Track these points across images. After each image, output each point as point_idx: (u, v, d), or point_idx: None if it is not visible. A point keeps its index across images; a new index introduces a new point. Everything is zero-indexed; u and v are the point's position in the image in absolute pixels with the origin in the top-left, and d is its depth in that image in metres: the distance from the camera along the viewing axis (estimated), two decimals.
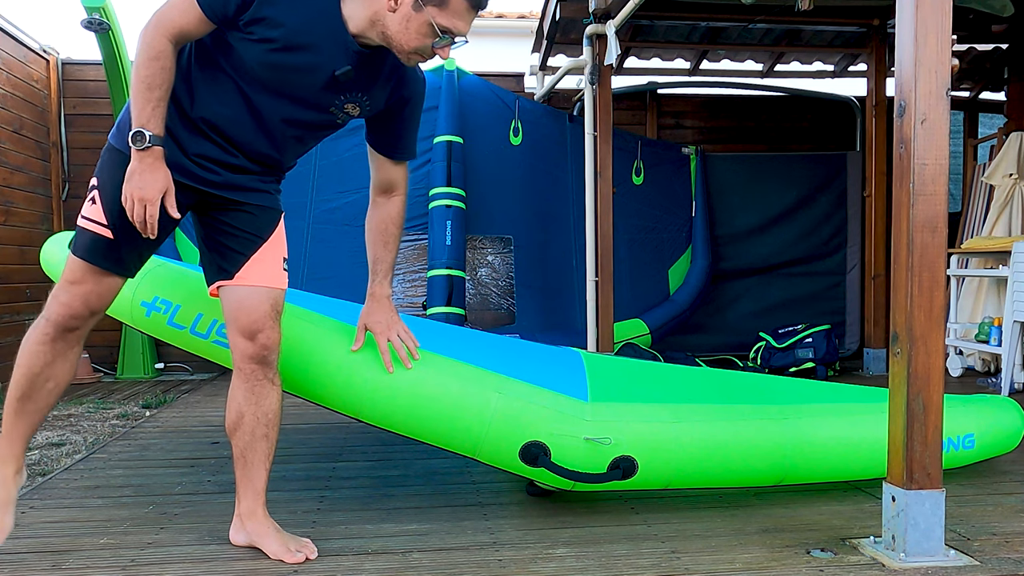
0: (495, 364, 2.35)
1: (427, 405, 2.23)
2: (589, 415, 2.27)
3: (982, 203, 5.85)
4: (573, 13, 4.94)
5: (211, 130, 2.00)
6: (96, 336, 5.64)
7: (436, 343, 2.38)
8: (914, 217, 1.98)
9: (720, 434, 2.36)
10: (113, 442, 3.43)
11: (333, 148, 5.50)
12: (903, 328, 2.01)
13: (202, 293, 2.27)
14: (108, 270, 2.01)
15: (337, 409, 2.29)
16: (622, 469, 2.27)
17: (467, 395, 2.24)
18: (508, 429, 2.23)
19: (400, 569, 2.00)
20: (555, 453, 2.24)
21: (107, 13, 4.82)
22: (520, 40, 9.04)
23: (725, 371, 2.99)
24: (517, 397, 2.25)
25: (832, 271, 6.32)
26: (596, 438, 2.23)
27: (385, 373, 2.22)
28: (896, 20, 2.02)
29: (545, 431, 2.24)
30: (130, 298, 2.35)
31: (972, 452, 2.69)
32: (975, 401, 2.83)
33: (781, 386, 2.77)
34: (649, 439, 2.29)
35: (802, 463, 2.45)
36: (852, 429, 2.51)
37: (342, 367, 2.24)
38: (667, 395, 2.46)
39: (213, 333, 2.31)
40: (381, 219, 2.43)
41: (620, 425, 2.28)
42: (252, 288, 2.06)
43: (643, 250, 6.02)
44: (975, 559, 2.04)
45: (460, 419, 2.23)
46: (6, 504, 2.04)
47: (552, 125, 5.85)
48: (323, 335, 2.28)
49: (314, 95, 2.00)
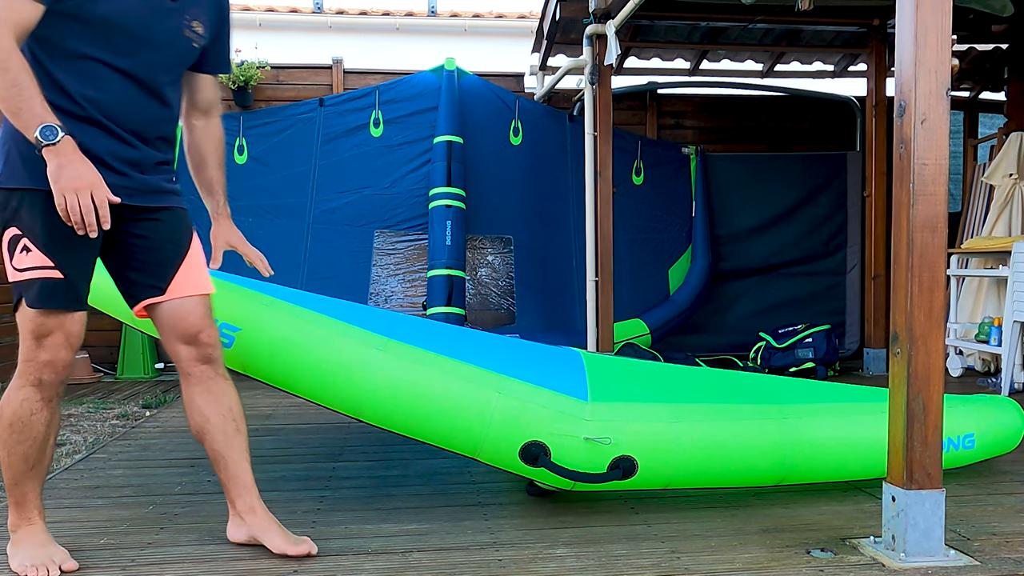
0: (495, 364, 2.35)
1: (427, 405, 2.23)
2: (589, 415, 2.27)
3: (982, 203, 5.85)
4: (573, 13, 4.94)
5: (104, 118, 1.91)
6: (96, 336, 5.70)
7: (436, 342, 2.38)
8: (914, 217, 1.98)
9: (720, 434, 2.36)
10: (113, 442, 3.43)
11: (333, 148, 5.51)
12: (903, 328, 2.01)
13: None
14: (72, 308, 1.94)
15: (337, 409, 2.29)
16: (622, 469, 2.27)
17: (467, 395, 2.24)
18: (508, 429, 2.23)
19: (400, 569, 2.00)
20: (555, 453, 2.24)
21: None
22: (520, 40, 9.03)
23: (725, 371, 2.99)
24: (517, 397, 2.25)
25: (832, 271, 6.32)
26: (596, 438, 2.23)
27: (385, 372, 2.22)
28: (896, 20, 2.02)
29: (545, 431, 2.24)
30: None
31: (972, 452, 2.69)
32: (975, 401, 2.83)
33: (781, 386, 2.77)
34: (649, 439, 2.29)
35: (802, 463, 2.45)
36: (852, 429, 2.51)
37: (342, 367, 2.24)
38: (667, 395, 2.46)
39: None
40: (208, 141, 2.27)
41: (620, 425, 2.28)
42: (185, 299, 2.05)
43: (643, 250, 6.02)
44: (975, 559, 2.04)
45: (460, 419, 2.24)
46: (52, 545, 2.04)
47: (552, 125, 5.85)
48: (322, 335, 2.28)
49: (163, 28, 1.96)
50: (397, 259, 5.48)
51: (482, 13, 10.08)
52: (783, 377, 3.08)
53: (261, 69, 5.71)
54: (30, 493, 2.00)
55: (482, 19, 10.02)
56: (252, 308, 2.32)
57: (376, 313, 2.74)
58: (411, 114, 5.56)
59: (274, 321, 2.30)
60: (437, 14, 10.24)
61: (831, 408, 2.56)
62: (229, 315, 2.27)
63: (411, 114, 5.56)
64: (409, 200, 5.49)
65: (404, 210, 5.49)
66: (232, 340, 2.26)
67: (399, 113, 5.56)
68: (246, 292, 2.36)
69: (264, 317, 2.30)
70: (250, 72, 5.61)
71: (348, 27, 9.84)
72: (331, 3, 10.11)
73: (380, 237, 5.49)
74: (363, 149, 5.54)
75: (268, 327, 2.29)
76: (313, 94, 5.79)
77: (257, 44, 6.00)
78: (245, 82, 5.61)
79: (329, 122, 5.52)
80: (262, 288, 2.57)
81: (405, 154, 5.54)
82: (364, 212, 5.48)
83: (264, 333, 2.28)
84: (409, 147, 5.54)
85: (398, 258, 5.49)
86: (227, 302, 2.28)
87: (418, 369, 2.25)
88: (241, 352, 2.27)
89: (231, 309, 2.28)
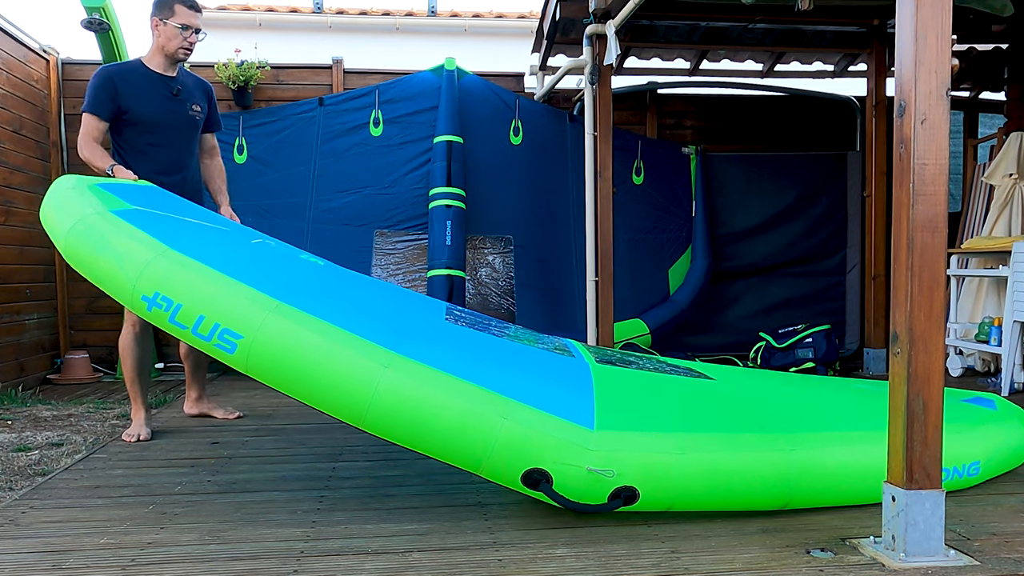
0: (501, 383, 2.29)
1: (431, 424, 2.20)
2: (594, 445, 2.23)
3: (982, 203, 5.85)
4: (573, 13, 4.94)
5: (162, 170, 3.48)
6: (96, 336, 5.72)
7: (443, 355, 2.32)
8: (914, 217, 1.98)
9: (726, 466, 2.31)
10: (113, 442, 3.43)
11: (333, 148, 5.51)
12: (903, 328, 2.01)
13: (205, 291, 2.25)
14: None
15: (340, 418, 2.27)
16: (623, 498, 2.26)
17: (471, 418, 2.20)
18: (511, 455, 2.21)
19: (400, 569, 2.00)
20: (557, 481, 2.23)
21: (107, 13, 4.82)
22: (520, 40, 9.04)
23: (733, 375, 2.93)
24: (522, 423, 2.21)
25: (832, 271, 6.32)
26: (599, 470, 2.22)
27: (389, 392, 2.19)
28: (896, 20, 2.02)
29: (549, 459, 2.21)
30: (131, 291, 2.31)
31: (976, 477, 2.64)
32: (984, 422, 2.74)
33: (790, 401, 2.72)
34: (653, 471, 2.26)
35: (807, 491, 2.38)
36: (861, 457, 2.43)
37: (345, 383, 2.21)
38: (674, 422, 2.39)
39: (215, 337, 2.26)
40: (213, 168, 3.80)
41: (624, 455, 2.24)
42: None
43: (643, 250, 6.02)
44: (975, 559, 2.04)
45: (463, 441, 2.21)
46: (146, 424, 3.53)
47: (552, 125, 5.85)
48: (328, 348, 2.23)
49: (176, 114, 3.51)
50: (397, 259, 5.48)
51: (482, 13, 10.08)
52: (791, 377, 3.04)
53: (261, 69, 5.71)
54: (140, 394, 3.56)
55: (482, 19, 10.02)
56: (256, 315, 2.25)
57: (384, 307, 2.70)
58: (411, 114, 5.56)
59: (277, 331, 2.24)
60: (437, 14, 10.25)
61: (840, 437, 2.47)
62: (231, 321, 2.24)
63: (411, 114, 5.56)
64: (409, 200, 5.49)
65: (404, 210, 5.50)
66: (234, 347, 2.23)
67: (399, 113, 5.56)
68: (250, 293, 2.30)
69: (268, 326, 2.24)
70: (250, 72, 5.61)
71: (348, 27, 9.85)
72: (331, 3, 10.11)
73: (380, 237, 5.49)
74: (363, 149, 5.54)
75: (271, 338, 2.23)
76: (313, 94, 5.79)
77: (257, 44, 6.00)
78: (245, 82, 5.60)
79: (329, 122, 5.52)
80: (271, 267, 2.53)
81: (405, 154, 5.54)
82: (364, 212, 5.48)
83: (266, 345, 2.23)
84: (409, 147, 5.54)
85: (398, 258, 5.49)
86: (230, 306, 2.25)
87: (423, 390, 2.20)
88: (243, 359, 2.24)
89: (233, 315, 2.25)
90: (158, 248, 2.38)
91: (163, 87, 3.46)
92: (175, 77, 3.50)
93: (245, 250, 2.73)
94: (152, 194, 3.05)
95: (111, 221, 2.47)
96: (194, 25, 3.43)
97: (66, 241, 2.45)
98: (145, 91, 3.43)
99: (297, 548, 2.15)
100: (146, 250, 2.37)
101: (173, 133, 3.46)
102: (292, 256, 2.88)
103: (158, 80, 3.46)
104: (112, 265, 2.36)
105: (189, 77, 3.62)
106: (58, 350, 5.67)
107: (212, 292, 2.28)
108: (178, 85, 3.49)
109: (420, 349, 2.32)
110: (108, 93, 3.36)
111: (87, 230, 2.44)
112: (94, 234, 2.43)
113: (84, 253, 2.42)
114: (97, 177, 2.99)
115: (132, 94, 3.39)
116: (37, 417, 4.19)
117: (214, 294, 2.28)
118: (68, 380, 5.40)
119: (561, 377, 2.52)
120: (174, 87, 3.48)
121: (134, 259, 2.35)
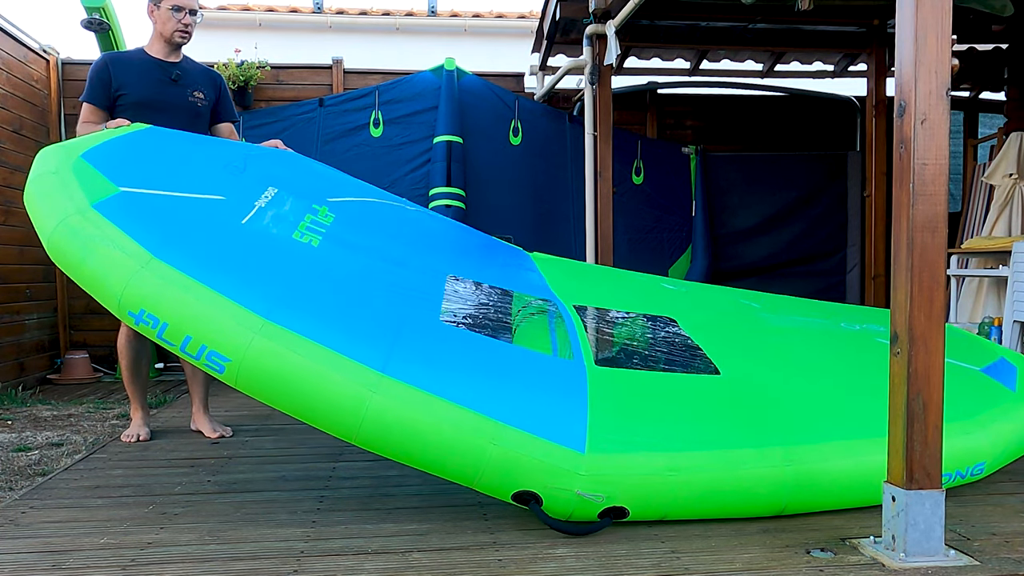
0: (491, 406, 2.24)
1: (420, 447, 2.19)
2: (584, 470, 2.20)
3: (982, 203, 5.85)
4: (573, 13, 4.94)
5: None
6: (96, 336, 5.72)
7: (432, 374, 2.27)
8: (914, 217, 1.98)
9: (719, 485, 2.30)
10: (113, 442, 3.43)
11: (333, 148, 5.51)
12: (903, 328, 2.01)
13: (190, 312, 2.19)
14: None
15: (333, 435, 2.27)
16: (611, 516, 2.26)
17: (461, 443, 2.18)
18: (501, 478, 2.21)
19: (400, 569, 2.00)
20: (547, 503, 2.23)
21: (107, 13, 4.82)
22: (520, 40, 9.03)
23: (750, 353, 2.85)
24: (512, 448, 2.19)
25: (832, 271, 6.32)
26: (589, 494, 2.20)
27: (377, 416, 2.17)
28: (896, 20, 2.02)
29: (539, 483, 2.21)
30: (117, 304, 2.25)
31: (980, 475, 2.61)
32: (994, 413, 2.67)
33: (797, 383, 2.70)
34: (643, 491, 2.26)
35: (803, 501, 2.38)
36: (860, 464, 2.40)
37: (334, 405, 2.19)
38: (668, 436, 2.34)
39: (204, 357, 2.21)
40: None
41: (615, 478, 2.23)
42: None
43: (643, 250, 6.02)
44: (975, 559, 2.04)
45: (453, 464, 2.21)
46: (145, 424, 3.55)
47: (552, 125, 5.85)
48: (315, 371, 2.20)
49: (172, 97, 3.45)
50: None
51: (482, 13, 10.08)
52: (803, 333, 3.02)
53: (261, 69, 5.71)
54: (137, 394, 3.55)
55: (482, 19, 10.02)
56: (241, 337, 2.19)
57: (387, 296, 2.61)
58: (411, 114, 5.56)
59: (264, 353, 2.18)
60: (437, 14, 10.24)
61: (839, 448, 2.43)
62: (218, 344, 2.19)
63: (411, 114, 5.56)
64: (409, 199, 5.48)
65: None
66: (223, 369, 2.19)
67: (399, 113, 5.56)
68: (236, 312, 2.22)
69: (254, 348, 2.18)
70: (250, 72, 5.61)
71: (348, 27, 9.84)
72: (331, 3, 10.11)
73: None
74: (363, 149, 5.54)
75: (257, 362, 2.19)
76: (313, 94, 5.79)
77: (257, 44, 6.00)
78: (245, 82, 5.60)
79: (329, 122, 5.52)
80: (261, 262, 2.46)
81: (405, 154, 5.54)
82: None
83: (253, 369, 2.19)
84: (409, 147, 5.54)
85: None
86: (216, 328, 2.19)
87: (411, 415, 2.19)
88: (232, 379, 2.20)
89: (220, 338, 2.19)
90: (142, 258, 2.27)
91: (160, 72, 3.43)
92: (177, 63, 3.48)
93: (236, 236, 2.57)
94: (145, 147, 2.91)
95: (93, 222, 2.34)
96: (187, 6, 3.39)
97: (49, 243, 2.36)
98: (141, 73, 3.40)
99: (297, 548, 2.15)
100: (130, 260, 2.25)
101: (171, 118, 3.36)
102: (292, 223, 2.74)
103: (156, 65, 3.43)
104: (97, 273, 2.28)
105: (196, 67, 3.59)
106: (58, 350, 5.68)
107: (197, 313, 2.21)
108: (178, 71, 3.46)
109: (409, 370, 2.25)
110: (102, 80, 3.36)
111: (70, 234, 2.31)
112: (77, 239, 2.30)
113: (69, 257, 2.32)
114: (83, 141, 2.78)
115: (126, 76, 3.38)
116: (37, 417, 4.19)
117: (199, 315, 2.20)
118: (68, 380, 5.41)
119: (555, 390, 2.44)
120: (173, 72, 3.44)
121: (118, 272, 2.25)
